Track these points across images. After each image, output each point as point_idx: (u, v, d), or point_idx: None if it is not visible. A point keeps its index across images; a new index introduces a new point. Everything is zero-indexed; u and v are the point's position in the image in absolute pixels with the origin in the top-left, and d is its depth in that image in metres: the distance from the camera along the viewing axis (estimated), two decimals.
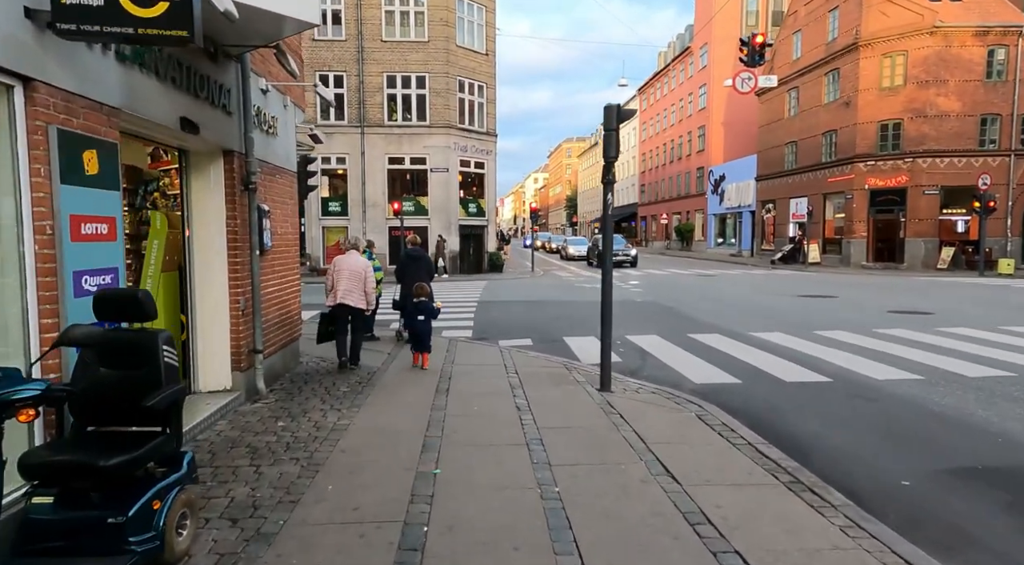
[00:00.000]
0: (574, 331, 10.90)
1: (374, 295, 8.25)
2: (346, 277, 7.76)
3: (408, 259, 9.76)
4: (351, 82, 25.00)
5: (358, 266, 7.82)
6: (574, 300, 16.07)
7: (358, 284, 7.75)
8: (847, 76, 28.34)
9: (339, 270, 7.79)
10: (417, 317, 8.60)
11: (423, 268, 9.66)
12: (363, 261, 8.04)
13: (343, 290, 7.70)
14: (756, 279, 22.92)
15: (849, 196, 28.29)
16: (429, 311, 8.75)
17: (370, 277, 7.94)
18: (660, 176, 56.94)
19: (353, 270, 7.78)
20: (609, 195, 6.44)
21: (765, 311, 13.32)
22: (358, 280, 7.77)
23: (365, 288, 7.78)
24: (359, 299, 7.74)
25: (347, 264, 7.84)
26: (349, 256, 8.05)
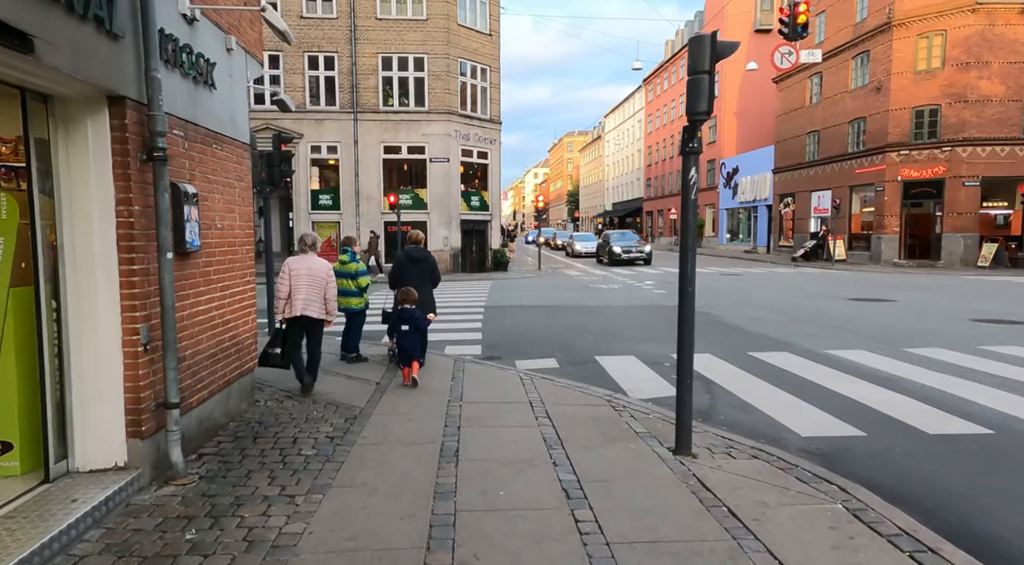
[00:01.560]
0: (606, 347, 8.93)
1: (335, 304, 6.52)
2: (306, 283, 6.20)
3: (408, 261, 7.82)
4: (343, 64, 22.95)
5: (320, 270, 6.29)
6: (595, 305, 14.09)
7: (319, 291, 6.24)
8: (878, 59, 26.31)
9: (296, 275, 6.19)
10: (400, 326, 6.93)
11: (426, 272, 7.74)
12: (325, 264, 6.41)
13: (303, 299, 6.16)
14: (786, 279, 20.95)
15: (880, 188, 26.30)
16: (414, 320, 6.88)
17: (333, 283, 6.43)
18: (667, 169, 54.89)
19: (315, 275, 6.23)
20: (693, 170, 4.46)
21: (822, 319, 11.36)
22: (319, 287, 6.24)
23: (326, 295, 6.31)
24: (320, 310, 6.29)
25: (307, 267, 6.23)
26: (308, 258, 6.34)
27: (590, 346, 9.09)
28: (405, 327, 7.02)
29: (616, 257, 27.94)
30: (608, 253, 28.86)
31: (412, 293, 7.21)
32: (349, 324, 8.03)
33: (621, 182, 71.47)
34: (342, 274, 7.85)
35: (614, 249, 28.27)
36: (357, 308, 7.94)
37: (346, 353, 8.03)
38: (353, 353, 8.03)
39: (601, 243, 31.47)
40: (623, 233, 32.59)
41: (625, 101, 70.24)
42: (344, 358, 8.01)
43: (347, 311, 7.91)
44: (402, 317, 7.09)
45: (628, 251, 28.25)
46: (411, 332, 7.03)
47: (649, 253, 28.62)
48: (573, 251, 37.59)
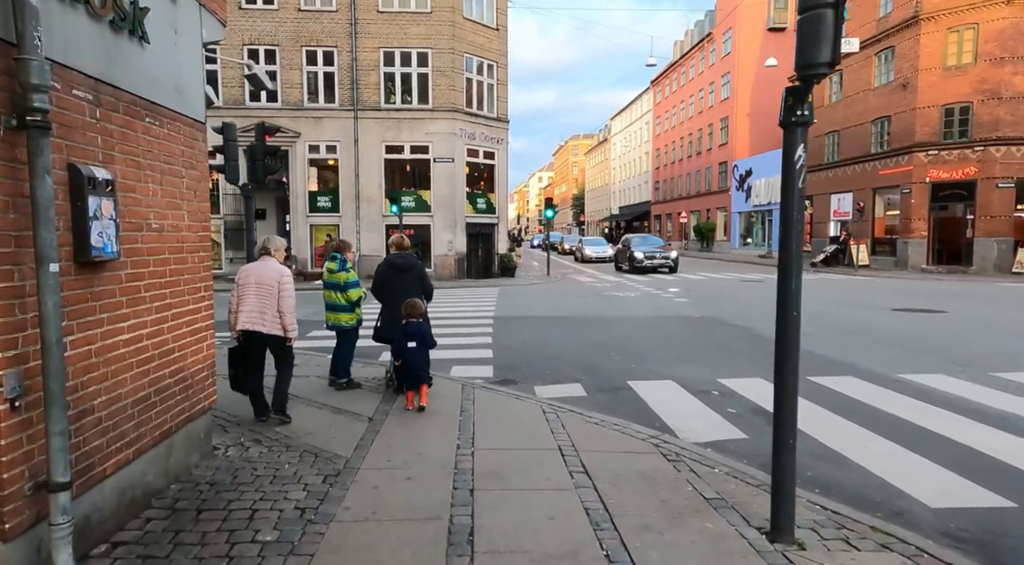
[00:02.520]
0: (638, 369, 7.69)
1: (293, 317, 5.32)
2: (253, 293, 5.20)
3: (390, 270, 6.62)
4: (343, 59, 21.82)
5: (268, 275, 5.23)
6: (614, 315, 12.86)
7: (270, 301, 5.18)
8: (904, 55, 25.06)
9: (243, 284, 5.26)
10: (407, 343, 5.90)
11: (413, 284, 6.55)
12: (277, 270, 5.31)
13: (247, 311, 5.17)
14: (812, 286, 19.65)
15: (906, 190, 25.01)
16: (422, 335, 5.98)
17: (286, 291, 5.26)
18: (677, 172, 53.68)
19: (262, 282, 5.20)
20: (800, 148, 3.27)
21: (873, 333, 10.10)
22: (269, 295, 5.19)
23: (280, 306, 5.21)
24: (272, 323, 5.20)
25: (255, 274, 5.25)
26: (261, 264, 5.36)
27: (618, 367, 7.86)
28: (412, 344, 5.90)
29: (638, 264, 25.23)
30: (628, 259, 26.08)
31: (418, 306, 6.09)
32: (339, 344, 6.82)
33: (628, 185, 70.26)
34: (330, 285, 6.71)
35: (635, 255, 25.61)
36: (348, 325, 6.71)
37: (335, 378, 6.81)
38: (344, 378, 6.82)
39: (620, 248, 28.40)
40: (644, 237, 30.06)
41: (632, 103, 69.10)
42: (333, 384, 6.79)
43: (336, 329, 6.72)
44: (408, 332, 5.93)
45: (651, 257, 25.44)
46: (419, 349, 5.91)
47: (675, 259, 25.79)
48: (583, 256, 35.38)
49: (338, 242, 7.00)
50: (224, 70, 21.38)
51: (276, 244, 5.53)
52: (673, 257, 25.65)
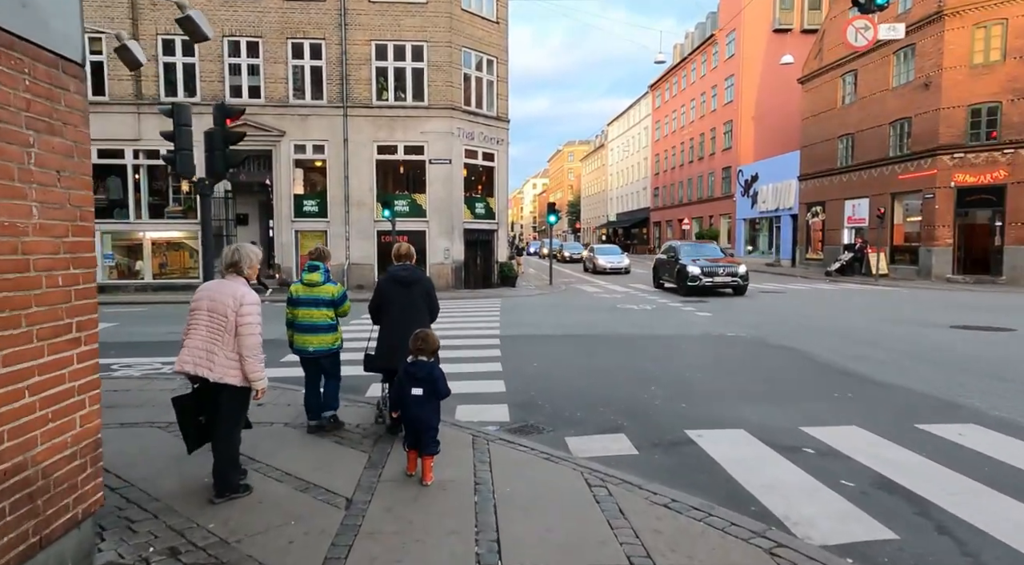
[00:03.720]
0: (693, 410, 6.11)
1: (259, 361, 3.80)
2: (204, 322, 3.79)
3: (393, 284, 5.21)
4: (331, 52, 20.26)
5: (222, 300, 3.78)
6: (637, 333, 11.29)
7: (222, 337, 3.73)
8: (926, 53, 23.76)
9: (195, 309, 3.87)
10: (410, 389, 4.24)
11: (418, 300, 5.18)
12: (236, 292, 3.81)
13: (190, 348, 3.79)
14: (836, 297, 18.20)
15: (929, 195, 23.65)
16: (432, 381, 4.27)
17: (248, 326, 3.76)
18: (677, 178, 52.39)
19: (215, 309, 3.78)
20: None
21: (951, 358, 8.57)
22: (222, 329, 3.74)
23: (240, 347, 3.73)
24: (224, 367, 3.72)
25: (208, 296, 3.85)
26: (220, 284, 3.91)
27: (666, 407, 6.27)
28: (417, 391, 4.24)
29: (693, 282, 17.92)
30: (677, 275, 18.79)
31: (432, 340, 4.37)
32: (328, 373, 5.43)
33: (626, 191, 68.98)
34: (310, 302, 5.27)
35: (689, 270, 18.12)
36: (337, 347, 5.41)
37: (313, 419, 5.35)
38: (328, 415, 5.37)
39: (664, 259, 20.88)
40: (697, 245, 22.39)
41: (630, 108, 67.94)
42: (312, 427, 5.32)
43: (318, 355, 5.32)
44: (413, 375, 4.29)
45: (712, 273, 17.98)
46: (426, 400, 4.24)
47: (745, 275, 18.14)
48: (595, 267, 30.69)
49: (320, 250, 5.60)
50: (203, 63, 19.78)
51: (249, 258, 3.95)
52: (742, 273, 18.07)
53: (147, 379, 7.55)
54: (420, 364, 4.29)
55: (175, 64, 19.75)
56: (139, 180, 20.20)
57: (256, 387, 3.76)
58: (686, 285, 18.25)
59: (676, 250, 20.26)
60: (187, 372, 3.73)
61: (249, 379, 3.73)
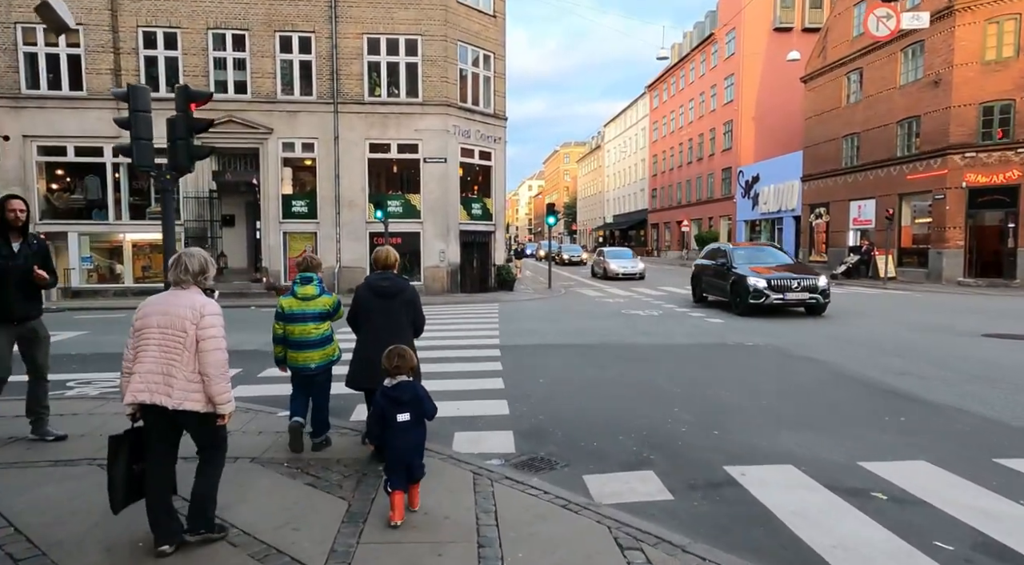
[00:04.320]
0: (728, 438, 5.28)
1: (225, 381, 3.19)
2: (156, 341, 3.15)
3: (371, 295, 4.70)
4: (321, 46, 19.40)
5: (177, 314, 3.16)
6: (649, 343, 10.47)
7: (180, 356, 3.11)
8: (936, 49, 23.10)
9: (141, 328, 3.20)
10: (395, 415, 3.65)
11: (400, 313, 4.69)
12: (194, 303, 3.21)
13: (143, 373, 3.11)
14: (852, 302, 17.45)
15: (939, 196, 22.96)
16: (418, 401, 3.72)
17: (210, 341, 3.16)
18: (675, 179, 51.70)
19: (168, 325, 3.16)
20: None
21: (1000, 373, 7.78)
22: (179, 346, 3.12)
23: (203, 366, 3.12)
24: (185, 392, 3.10)
25: (160, 312, 3.20)
26: (174, 295, 3.26)
27: (696, 434, 5.45)
28: (403, 417, 3.63)
29: (758, 299, 13.46)
30: (733, 290, 14.27)
31: (408, 357, 3.74)
32: (316, 391, 4.95)
33: (623, 193, 68.31)
34: (303, 317, 4.80)
35: (752, 284, 13.58)
36: (335, 358, 5.02)
37: (297, 414, 4.93)
38: (320, 440, 4.93)
39: (709, 265, 16.10)
40: (755, 249, 16.55)
41: (627, 109, 67.29)
42: (295, 425, 4.87)
43: (319, 371, 4.90)
44: (397, 398, 3.65)
45: (783, 287, 13.44)
46: (413, 425, 3.67)
47: (826, 290, 13.68)
48: (605, 272, 27.21)
49: (309, 260, 5.02)
50: (186, 57, 18.88)
51: (196, 263, 3.27)
52: (822, 287, 13.63)
53: (103, 399, 6.67)
54: (403, 385, 3.66)
55: (157, 58, 18.86)
56: (119, 179, 19.28)
57: (223, 410, 3.14)
58: (747, 303, 13.67)
59: (728, 255, 15.31)
60: (143, 402, 3.07)
61: (215, 402, 3.10)
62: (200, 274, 3.26)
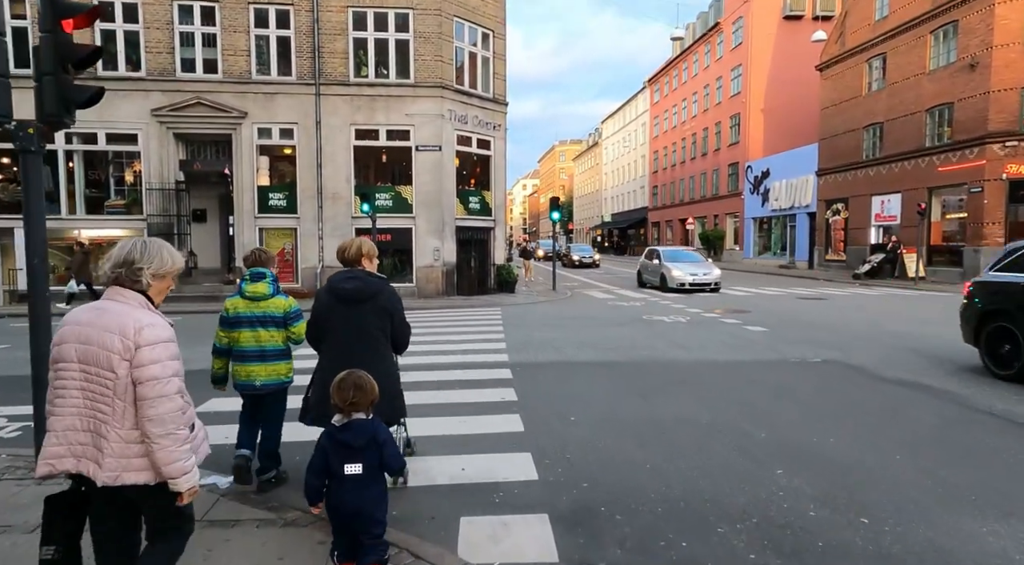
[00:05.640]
0: (883, 532, 3.34)
1: (177, 434, 2.07)
2: (77, 384, 2.11)
3: (332, 299, 3.57)
4: (301, 20, 17.38)
5: (102, 339, 2.08)
6: (688, 359, 8.53)
7: (111, 405, 2.08)
8: (971, 29, 21.31)
9: (58, 359, 2.14)
10: (341, 466, 2.72)
11: (370, 323, 3.55)
12: (128, 321, 2.07)
13: (60, 433, 2.13)
14: (893, 305, 15.61)
15: (976, 189, 21.17)
16: (378, 449, 2.75)
17: (153, 373, 2.05)
18: (678, 175, 49.88)
19: (92, 357, 2.09)
20: None
21: None
22: (106, 394, 2.08)
23: (143, 420, 2.06)
24: (123, 456, 2.09)
25: (78, 335, 2.13)
26: (96, 310, 2.15)
27: (834, 523, 3.51)
28: (353, 469, 2.73)
29: None
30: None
31: (367, 386, 2.81)
32: (267, 414, 4.13)
33: (622, 191, 66.47)
34: (254, 320, 4.05)
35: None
36: (287, 380, 4.18)
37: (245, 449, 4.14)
38: (274, 470, 4.08)
39: None
40: None
41: (626, 104, 65.47)
42: (240, 461, 4.07)
43: (263, 391, 4.07)
44: (344, 442, 2.77)
45: None
46: (364, 483, 2.75)
47: None
48: (666, 281, 19.14)
49: (259, 253, 4.24)
50: (148, 31, 16.80)
51: (161, 259, 2.27)
52: None
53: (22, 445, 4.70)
54: (357, 426, 2.76)
55: (115, 32, 16.75)
56: (73, 169, 17.18)
57: (179, 487, 2.13)
58: None
59: None
60: (66, 471, 2.14)
61: (163, 474, 2.11)
62: (125, 266, 2.17)
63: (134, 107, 16.78)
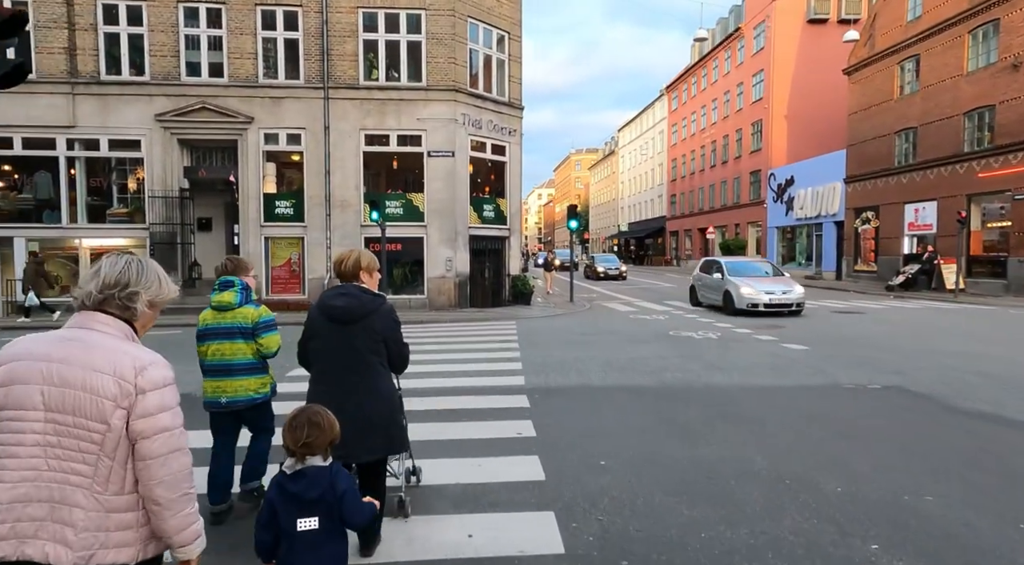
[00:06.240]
0: None
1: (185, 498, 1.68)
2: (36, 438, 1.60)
3: (323, 319, 3.16)
4: (309, 22, 16.76)
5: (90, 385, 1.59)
6: (729, 384, 7.57)
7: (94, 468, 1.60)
8: (1013, 28, 20.18)
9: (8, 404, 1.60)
10: (296, 523, 2.15)
11: (362, 348, 3.11)
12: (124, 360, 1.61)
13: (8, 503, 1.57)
14: (936, 319, 14.47)
15: (1021, 196, 19.95)
16: (336, 501, 2.19)
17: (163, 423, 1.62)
18: (697, 184, 48.80)
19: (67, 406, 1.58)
20: None
21: None
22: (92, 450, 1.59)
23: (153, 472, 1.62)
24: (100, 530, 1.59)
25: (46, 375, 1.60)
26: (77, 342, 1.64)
27: None
28: (307, 524, 2.16)
29: None
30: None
31: (325, 424, 2.24)
32: (250, 426, 3.95)
33: (639, 200, 65.43)
34: (222, 332, 3.77)
35: None
36: (262, 396, 3.89)
37: (217, 499, 3.71)
38: (254, 485, 3.89)
39: None
40: None
41: (643, 112, 64.59)
42: (217, 515, 3.64)
43: (239, 404, 3.79)
44: (295, 495, 2.18)
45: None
46: (320, 541, 2.17)
47: None
48: (733, 300, 15.40)
49: (231, 261, 3.95)
50: (152, 34, 16.28)
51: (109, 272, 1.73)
52: None
53: None
54: (311, 474, 2.20)
55: (119, 35, 16.27)
56: (75, 176, 16.65)
57: (192, 554, 1.73)
58: None
59: None
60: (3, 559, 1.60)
61: (173, 542, 1.70)
62: (117, 288, 1.70)
63: (137, 112, 16.25)
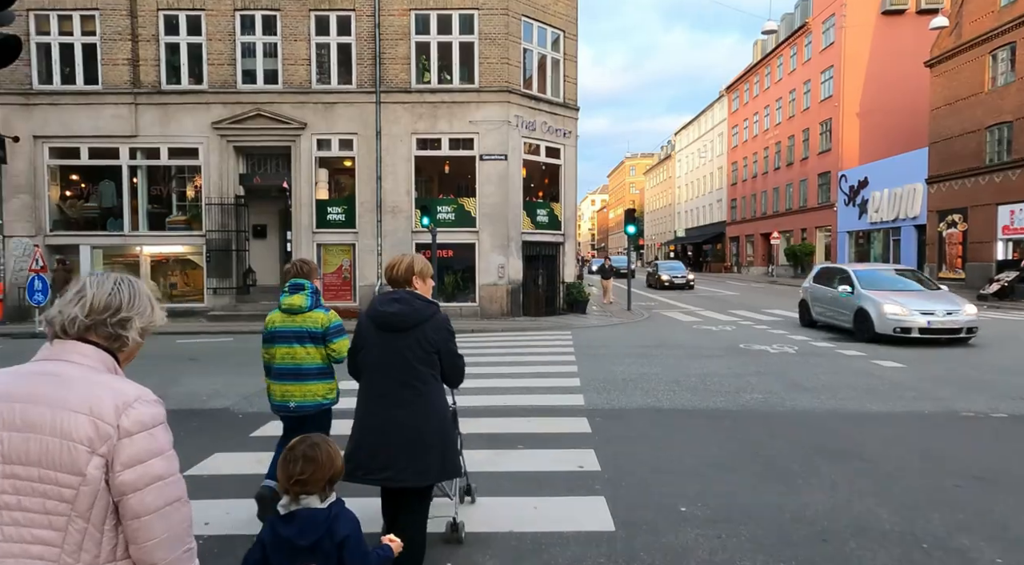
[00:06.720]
0: None
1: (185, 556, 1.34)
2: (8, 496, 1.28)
3: (373, 327, 2.89)
4: (362, 26, 16.56)
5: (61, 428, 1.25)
6: (820, 407, 6.59)
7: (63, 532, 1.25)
8: None
9: None
10: None
11: (413, 358, 2.82)
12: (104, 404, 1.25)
13: None
14: None
15: None
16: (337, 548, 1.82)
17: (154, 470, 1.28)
18: (759, 187, 46.71)
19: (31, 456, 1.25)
20: None
21: None
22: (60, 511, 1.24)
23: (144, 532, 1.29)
24: None
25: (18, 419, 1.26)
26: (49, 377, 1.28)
27: None
28: None
29: None
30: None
31: (324, 458, 1.87)
32: None
33: (697, 205, 63.39)
34: (291, 335, 3.74)
35: None
36: (328, 402, 3.83)
37: None
38: (271, 486, 3.76)
39: None
40: None
41: (701, 114, 62.64)
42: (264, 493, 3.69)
43: (304, 411, 3.73)
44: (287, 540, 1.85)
45: None
46: None
47: None
48: (877, 323, 11.21)
49: (304, 263, 3.91)
50: (211, 43, 16.43)
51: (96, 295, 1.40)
52: None
53: None
54: (303, 517, 1.88)
55: (179, 45, 16.50)
56: (136, 184, 16.96)
57: None
58: None
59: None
60: None
61: None
62: (108, 313, 1.40)
63: (195, 120, 16.42)
